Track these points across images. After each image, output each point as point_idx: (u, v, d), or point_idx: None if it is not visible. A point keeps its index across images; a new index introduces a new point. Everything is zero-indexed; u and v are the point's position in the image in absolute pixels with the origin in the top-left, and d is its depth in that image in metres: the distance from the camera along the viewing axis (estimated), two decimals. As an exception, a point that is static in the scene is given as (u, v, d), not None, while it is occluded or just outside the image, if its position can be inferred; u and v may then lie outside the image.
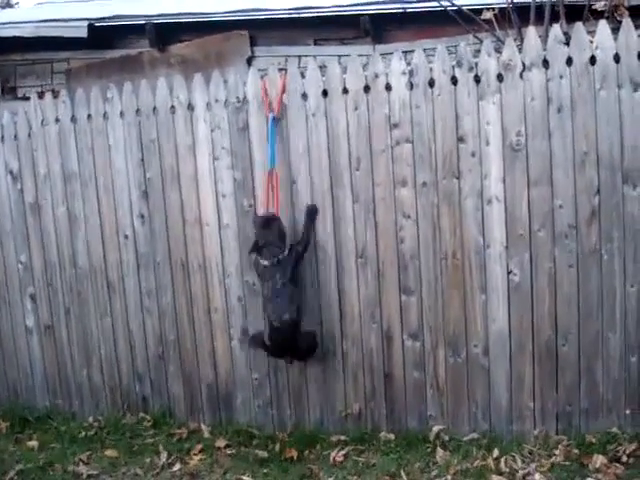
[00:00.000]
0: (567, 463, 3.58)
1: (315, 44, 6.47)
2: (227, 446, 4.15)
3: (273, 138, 3.97)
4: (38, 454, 4.26)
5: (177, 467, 3.99)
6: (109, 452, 4.15)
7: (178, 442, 4.25)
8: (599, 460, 3.53)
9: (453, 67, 3.75)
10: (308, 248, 3.99)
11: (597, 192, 3.62)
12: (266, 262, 3.87)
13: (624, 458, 3.53)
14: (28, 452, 4.31)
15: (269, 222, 3.92)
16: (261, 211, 4.03)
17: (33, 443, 4.40)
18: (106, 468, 3.99)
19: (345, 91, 3.92)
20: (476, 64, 3.71)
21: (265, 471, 3.85)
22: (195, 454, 4.09)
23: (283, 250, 3.89)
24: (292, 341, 3.89)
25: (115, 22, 6.67)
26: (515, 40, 3.81)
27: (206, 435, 4.29)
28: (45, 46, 6.77)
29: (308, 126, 3.99)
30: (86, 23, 6.52)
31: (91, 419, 4.61)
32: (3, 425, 4.69)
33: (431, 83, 3.79)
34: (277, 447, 4.06)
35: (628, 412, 3.71)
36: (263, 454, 4.02)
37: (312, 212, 4.01)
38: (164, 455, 4.08)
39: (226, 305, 4.27)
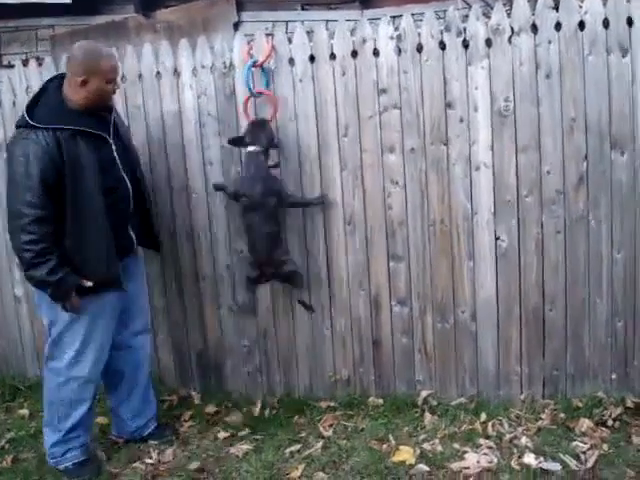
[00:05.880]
0: (553, 427, 3.63)
1: (302, 9, 6.41)
2: (217, 412, 4.19)
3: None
4: (29, 422, 4.27)
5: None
6: (100, 419, 4.13)
7: (169, 409, 4.27)
8: (585, 424, 3.59)
9: (441, 32, 3.70)
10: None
11: (585, 158, 3.61)
12: (252, 148, 3.82)
13: (610, 422, 3.59)
14: (19, 420, 4.32)
15: (263, 123, 3.85)
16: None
17: (24, 411, 4.41)
18: (97, 435, 4.00)
19: (332, 56, 3.86)
20: (465, 29, 3.67)
21: (255, 437, 3.88)
22: (185, 420, 4.12)
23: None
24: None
25: (100, -13, 6.60)
26: (504, 5, 3.77)
27: (196, 402, 4.31)
28: (29, 13, 6.68)
29: (295, 92, 3.94)
30: (70, -12, 6.45)
31: (81, 387, 4.62)
32: (-6, 394, 4.71)
33: (419, 48, 3.74)
34: (266, 413, 4.09)
35: (614, 377, 3.75)
36: (253, 420, 4.05)
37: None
38: (154, 422, 4.10)
39: (214, 273, 4.27)
